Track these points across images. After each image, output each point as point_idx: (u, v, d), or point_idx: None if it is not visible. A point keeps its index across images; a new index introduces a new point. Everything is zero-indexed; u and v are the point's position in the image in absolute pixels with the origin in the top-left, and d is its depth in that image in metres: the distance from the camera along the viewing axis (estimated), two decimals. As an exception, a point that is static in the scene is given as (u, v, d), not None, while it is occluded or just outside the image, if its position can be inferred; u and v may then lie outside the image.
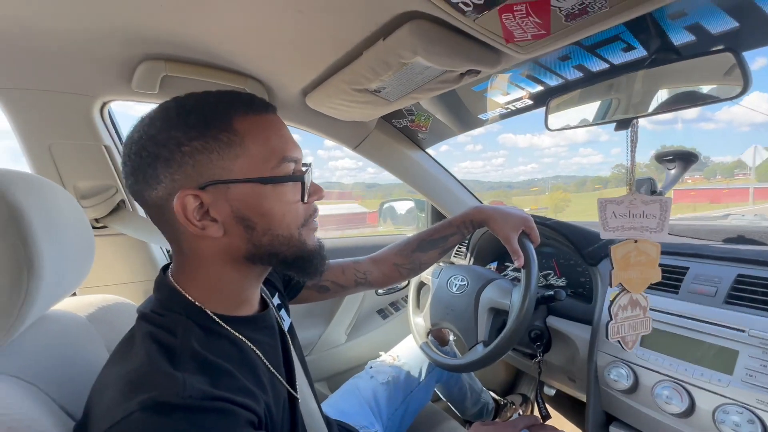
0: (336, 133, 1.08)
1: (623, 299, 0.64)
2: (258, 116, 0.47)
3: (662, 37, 0.58)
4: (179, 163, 0.43)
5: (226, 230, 0.45)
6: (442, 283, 1.02)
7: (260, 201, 0.46)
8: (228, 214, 0.45)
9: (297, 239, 0.49)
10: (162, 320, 0.45)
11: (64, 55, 0.70)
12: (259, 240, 0.46)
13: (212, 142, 0.43)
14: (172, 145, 0.43)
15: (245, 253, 0.47)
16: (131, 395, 0.36)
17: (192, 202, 0.43)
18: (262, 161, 0.45)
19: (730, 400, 0.63)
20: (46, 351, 0.49)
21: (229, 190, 0.44)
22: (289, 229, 0.48)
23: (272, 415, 0.46)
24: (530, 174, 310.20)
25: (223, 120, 0.44)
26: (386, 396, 0.95)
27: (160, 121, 0.44)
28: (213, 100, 0.45)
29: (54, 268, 0.44)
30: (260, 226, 0.46)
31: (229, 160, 0.44)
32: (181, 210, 0.43)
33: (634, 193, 0.61)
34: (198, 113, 0.44)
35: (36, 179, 0.47)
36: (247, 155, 0.45)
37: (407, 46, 0.60)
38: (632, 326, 0.65)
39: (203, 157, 0.43)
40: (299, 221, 0.49)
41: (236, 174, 0.44)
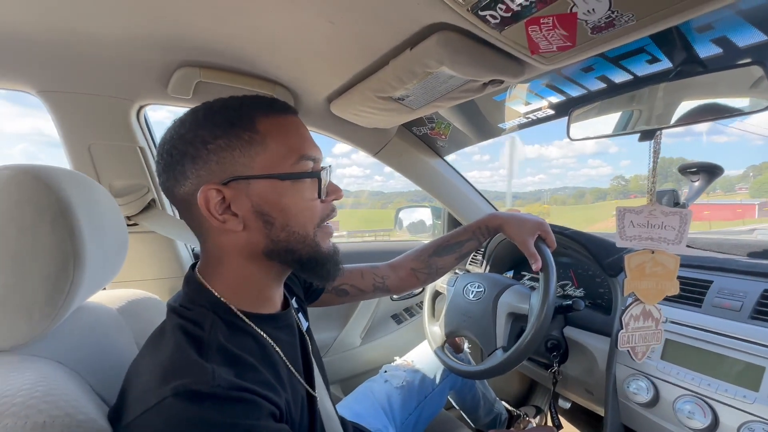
0: (357, 139, 1.11)
1: (636, 309, 0.64)
2: (279, 117, 0.49)
3: (688, 49, 0.59)
4: (205, 159, 0.46)
5: (246, 224, 0.47)
6: (458, 290, 1.03)
7: (278, 196, 0.48)
8: (248, 208, 0.47)
9: (311, 239, 0.50)
10: (190, 314, 0.47)
11: (107, 61, 0.74)
12: (277, 235, 0.48)
13: (235, 140, 0.46)
14: (199, 143, 0.46)
15: (264, 248, 0.49)
16: (164, 382, 0.38)
17: (214, 196, 0.46)
18: (281, 158, 0.48)
19: (756, 418, 0.61)
20: (83, 340, 0.51)
21: (249, 186, 0.47)
22: (305, 227, 0.50)
23: (291, 411, 0.47)
24: (538, 185, 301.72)
25: (246, 120, 0.47)
26: (400, 400, 0.95)
27: (189, 122, 0.47)
28: (237, 103, 0.48)
29: (96, 260, 0.47)
30: (278, 221, 0.48)
31: (250, 157, 0.46)
32: (204, 203, 0.45)
33: (655, 204, 0.62)
34: (223, 114, 0.47)
35: (81, 177, 0.50)
36: (267, 153, 0.47)
37: (434, 56, 0.62)
38: (643, 337, 0.65)
39: (227, 154, 0.46)
40: (315, 220, 0.51)
41: (257, 170, 0.47)
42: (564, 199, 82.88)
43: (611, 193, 71.61)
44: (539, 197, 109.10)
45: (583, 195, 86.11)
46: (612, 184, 79.93)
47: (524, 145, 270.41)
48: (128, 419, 0.39)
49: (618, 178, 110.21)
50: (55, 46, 0.68)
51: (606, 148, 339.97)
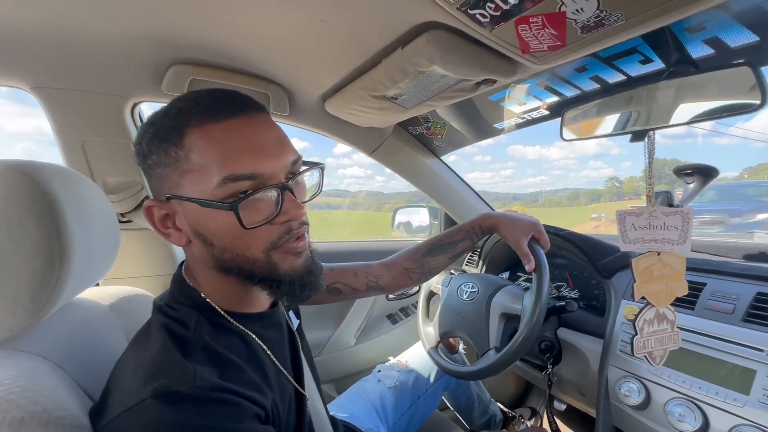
0: (353, 138, 1.11)
1: (648, 313, 0.62)
2: (214, 124, 0.42)
3: (680, 50, 0.58)
4: (148, 174, 0.46)
5: (189, 240, 0.46)
6: (452, 291, 1.02)
7: (206, 222, 0.43)
8: (187, 227, 0.45)
9: (264, 261, 0.45)
10: (175, 313, 0.46)
11: (101, 58, 0.74)
12: (221, 255, 0.45)
13: (164, 157, 0.43)
14: (141, 156, 0.45)
15: (214, 264, 0.46)
16: (145, 383, 0.38)
17: (157, 211, 0.46)
18: (205, 179, 0.41)
19: (746, 421, 0.61)
20: (71, 335, 0.51)
21: (182, 206, 0.44)
22: (250, 250, 0.44)
23: (278, 411, 0.47)
24: (539, 186, 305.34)
25: (174, 133, 0.42)
26: (393, 400, 0.95)
27: (140, 131, 0.46)
28: (177, 108, 0.43)
29: (83, 257, 0.46)
30: (217, 243, 0.44)
31: (179, 176, 0.43)
32: (148, 217, 0.46)
33: (654, 205, 0.61)
34: (159, 125, 0.44)
35: (72, 173, 0.50)
36: (192, 171, 0.42)
37: (425, 55, 0.62)
38: (659, 341, 0.63)
39: (161, 170, 0.44)
40: (261, 245, 0.44)
41: (185, 190, 0.43)
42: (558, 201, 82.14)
43: (605, 194, 70.56)
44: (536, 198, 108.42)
45: (578, 196, 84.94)
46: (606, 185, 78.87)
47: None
48: (107, 419, 0.38)
49: (612, 179, 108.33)
50: (48, 42, 0.68)
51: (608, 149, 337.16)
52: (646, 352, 0.63)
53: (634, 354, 0.62)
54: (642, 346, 0.62)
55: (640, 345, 0.62)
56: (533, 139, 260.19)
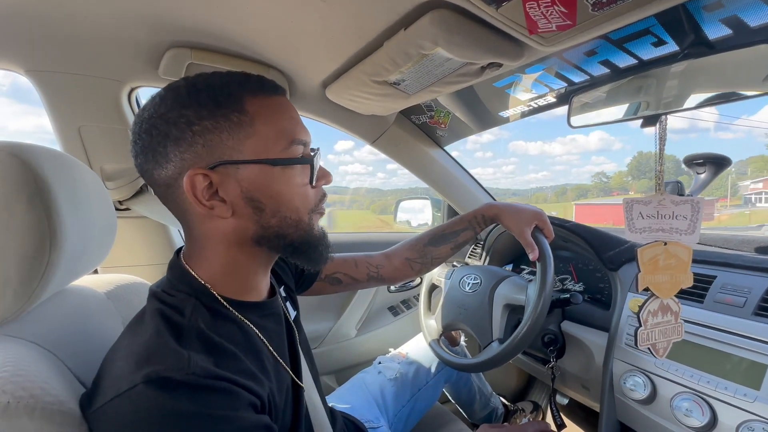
0: (354, 126, 1.08)
1: (653, 304, 0.61)
2: (268, 98, 0.46)
3: (696, 30, 0.56)
4: (189, 142, 0.43)
5: (234, 211, 0.45)
6: (455, 283, 1.01)
7: (269, 182, 0.45)
8: (237, 194, 0.44)
9: (306, 223, 0.49)
10: (171, 299, 0.45)
11: (96, 40, 0.72)
12: (268, 221, 0.46)
13: (223, 122, 0.43)
14: (183, 124, 0.42)
15: (253, 234, 0.47)
16: (137, 368, 0.37)
17: (201, 181, 0.43)
18: (271, 143, 0.45)
19: (756, 417, 0.59)
20: (65, 322, 0.50)
21: (238, 171, 0.44)
22: (298, 212, 0.48)
23: (275, 401, 0.46)
24: (541, 182, 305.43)
25: (234, 100, 0.44)
26: (393, 392, 0.94)
27: (170, 100, 0.43)
28: (224, 80, 0.45)
29: (76, 242, 0.45)
30: (269, 207, 0.46)
31: (239, 141, 0.44)
32: (191, 189, 0.43)
33: (664, 193, 0.59)
34: (208, 92, 0.43)
35: (65, 157, 0.49)
36: (257, 136, 0.44)
37: (428, 36, 0.60)
38: (663, 333, 0.62)
39: (213, 136, 0.43)
40: (309, 205, 0.49)
41: (246, 155, 0.44)
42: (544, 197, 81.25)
43: (593, 190, 69.14)
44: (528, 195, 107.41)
45: (565, 192, 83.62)
46: (594, 181, 77.27)
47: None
48: (97, 405, 0.38)
49: (599, 174, 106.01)
50: (42, 23, 0.67)
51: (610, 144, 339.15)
52: (649, 344, 0.61)
53: (637, 346, 0.60)
54: (646, 338, 0.61)
55: (644, 337, 0.61)
56: (535, 135, 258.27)
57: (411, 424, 0.97)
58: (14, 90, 24.29)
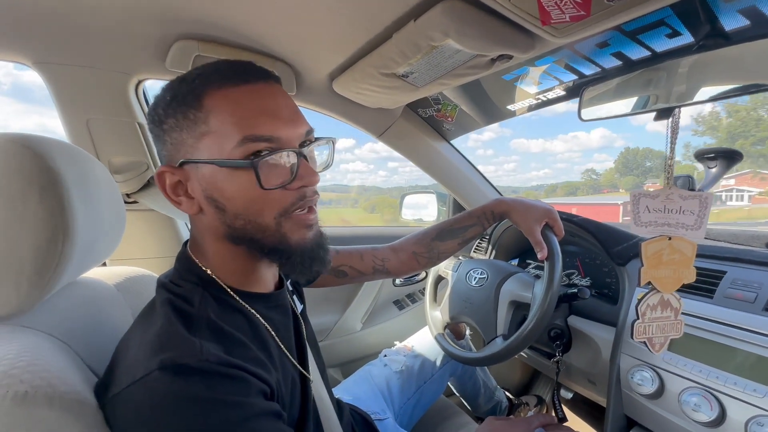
0: (361, 119, 1.08)
1: (653, 298, 0.61)
2: (234, 88, 0.43)
3: (712, 21, 0.54)
4: (162, 140, 0.45)
5: (201, 208, 0.46)
6: (461, 276, 1.01)
7: (222, 184, 0.43)
8: (200, 193, 0.45)
9: (273, 229, 0.45)
10: (179, 290, 0.46)
11: (103, 33, 0.72)
12: (233, 223, 0.45)
13: (182, 120, 0.43)
14: (156, 122, 0.45)
15: (225, 233, 0.46)
16: (152, 355, 0.38)
17: (170, 178, 0.45)
18: (224, 140, 0.42)
19: (766, 412, 0.59)
20: (77, 313, 0.51)
21: (197, 170, 0.44)
22: (261, 216, 0.44)
23: (281, 391, 0.47)
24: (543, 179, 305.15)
25: (194, 96, 0.43)
26: (399, 385, 0.95)
27: (155, 99, 0.46)
28: (196, 74, 0.44)
29: (87, 234, 0.46)
30: (229, 209, 0.44)
31: (196, 138, 0.43)
32: (160, 184, 0.45)
33: (672, 187, 0.58)
34: (176, 90, 0.44)
35: (76, 150, 0.49)
36: (211, 134, 0.42)
37: (438, 28, 0.59)
38: (661, 328, 0.62)
39: (176, 134, 0.44)
40: (274, 210, 0.45)
41: (202, 153, 0.43)
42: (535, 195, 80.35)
43: (582, 187, 67.67)
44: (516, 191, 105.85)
45: (555, 189, 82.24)
46: (583, 178, 75.42)
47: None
48: (113, 392, 0.38)
49: (589, 171, 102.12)
50: (50, 15, 0.67)
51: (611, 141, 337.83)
52: (645, 337, 0.61)
53: (633, 339, 0.60)
54: (642, 331, 0.61)
55: (640, 330, 0.61)
56: (536, 132, 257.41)
57: (416, 416, 0.98)
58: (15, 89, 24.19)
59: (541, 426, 0.71)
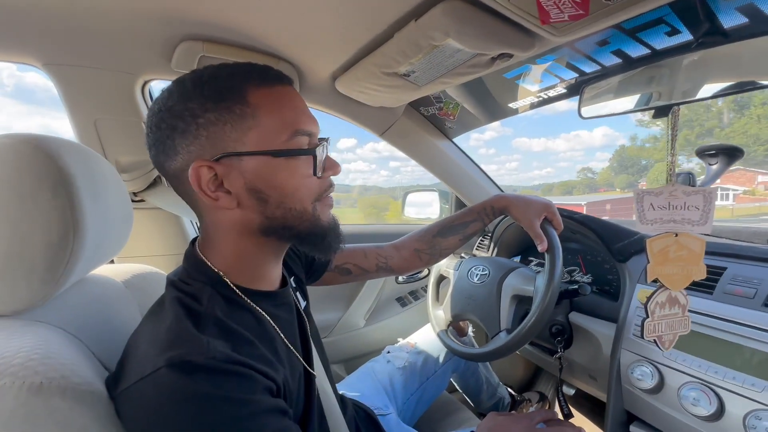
0: (363, 118, 1.09)
1: (661, 296, 0.61)
2: (272, 88, 0.46)
3: (711, 19, 0.55)
4: (194, 134, 0.44)
5: (239, 202, 0.46)
6: (463, 274, 1.02)
7: (272, 174, 0.46)
8: (241, 186, 0.45)
9: (311, 214, 0.49)
10: (188, 288, 0.47)
11: (110, 34, 0.73)
12: (273, 213, 0.47)
13: (226, 114, 0.44)
14: (188, 116, 0.44)
15: (259, 225, 0.48)
16: (160, 352, 0.39)
17: (206, 173, 0.44)
18: (274, 134, 0.45)
19: (764, 406, 0.59)
20: (88, 309, 0.52)
21: (242, 162, 0.45)
22: (302, 203, 0.48)
23: (289, 387, 0.48)
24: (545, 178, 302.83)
25: (236, 92, 0.44)
26: (402, 381, 0.96)
27: (177, 94, 0.45)
28: (227, 72, 0.45)
29: (96, 231, 0.47)
30: (273, 198, 0.46)
31: (242, 132, 0.44)
32: (196, 181, 0.44)
33: (675, 184, 0.59)
34: (212, 85, 0.44)
35: (84, 149, 0.50)
36: (259, 127, 0.45)
37: (439, 27, 0.60)
38: (670, 325, 0.62)
39: (217, 128, 0.44)
40: (313, 195, 0.49)
41: (249, 146, 0.45)
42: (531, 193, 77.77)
43: (578, 186, 65.97)
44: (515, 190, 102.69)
45: (551, 189, 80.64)
46: (579, 176, 73.84)
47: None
48: (123, 387, 0.39)
49: (585, 170, 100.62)
50: (58, 18, 0.68)
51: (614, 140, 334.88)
52: (655, 335, 0.61)
53: (643, 337, 0.60)
54: (652, 330, 0.61)
55: (651, 328, 0.61)
56: (539, 131, 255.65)
57: (419, 412, 0.99)
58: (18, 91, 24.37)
59: (542, 421, 0.72)
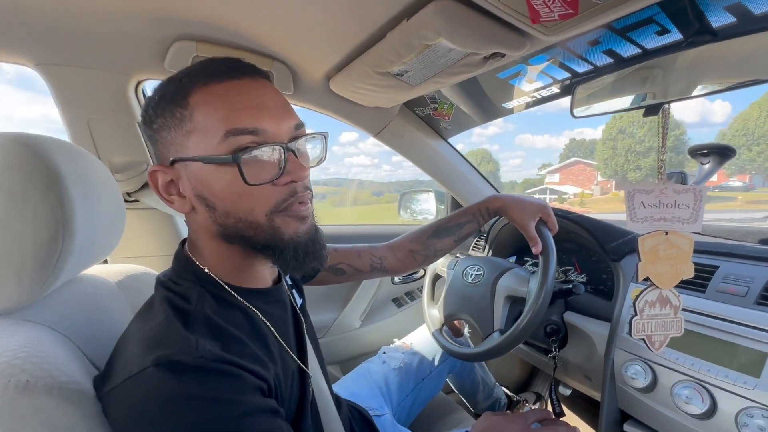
0: (358, 118, 1.09)
1: (651, 295, 0.60)
2: (218, 84, 0.43)
3: (700, 19, 0.55)
4: (153, 140, 0.46)
5: (193, 207, 0.46)
6: (458, 273, 1.01)
7: (210, 182, 0.43)
8: (190, 191, 0.45)
9: (266, 226, 0.45)
10: (177, 287, 0.47)
11: (103, 34, 0.73)
12: (224, 221, 0.45)
13: (170, 119, 0.44)
14: (147, 123, 0.46)
15: (216, 231, 0.46)
16: (148, 352, 0.38)
17: (162, 177, 0.46)
18: (210, 137, 0.42)
19: (755, 404, 0.60)
20: (79, 309, 0.52)
21: (187, 168, 0.44)
22: (252, 214, 0.44)
23: (281, 386, 0.47)
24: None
25: (181, 95, 0.43)
26: (397, 382, 0.95)
27: (146, 100, 0.47)
28: (181, 75, 0.45)
29: (87, 231, 0.47)
30: (219, 207, 0.44)
31: (183, 137, 0.43)
32: (153, 183, 0.46)
33: (666, 182, 0.59)
34: (164, 90, 0.45)
35: (75, 149, 0.50)
36: (196, 130, 0.43)
37: (431, 27, 0.60)
38: (660, 325, 0.61)
39: (165, 133, 0.44)
40: (265, 207, 0.44)
41: (189, 151, 0.43)
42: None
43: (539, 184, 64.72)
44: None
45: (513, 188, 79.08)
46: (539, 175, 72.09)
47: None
48: (110, 386, 0.39)
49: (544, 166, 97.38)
50: (50, 17, 0.68)
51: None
52: (645, 335, 0.61)
53: (631, 336, 0.60)
54: (641, 329, 0.60)
55: (639, 327, 0.60)
56: (542, 128, 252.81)
57: (414, 413, 0.99)
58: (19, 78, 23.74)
59: (537, 421, 0.72)
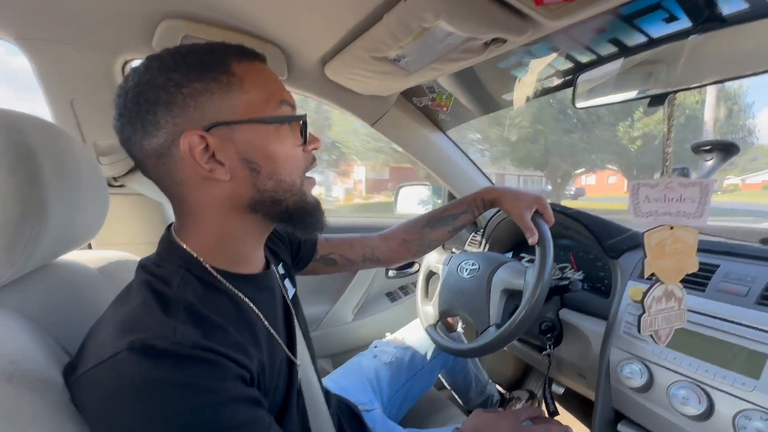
0: (354, 106, 1.06)
1: (658, 291, 0.59)
2: (252, 62, 0.47)
3: (710, 5, 0.53)
4: (181, 105, 0.42)
5: (232, 174, 0.45)
6: (452, 269, 1.00)
7: (264, 143, 0.46)
8: (234, 156, 0.44)
9: (299, 188, 0.49)
10: (159, 271, 0.45)
11: (88, 9, 0.70)
12: (264, 185, 0.46)
13: (212, 84, 0.43)
14: (172, 87, 0.41)
15: (249, 199, 0.46)
16: (121, 336, 0.37)
17: (198, 144, 0.42)
18: (262, 103, 0.45)
19: (753, 406, 0.58)
20: (54, 294, 0.50)
21: (233, 132, 0.44)
22: (291, 175, 0.48)
23: (266, 375, 0.46)
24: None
25: (221, 63, 0.44)
26: (389, 376, 0.94)
27: (155, 67, 0.42)
28: (208, 47, 0.45)
29: (63, 213, 0.45)
30: (265, 169, 0.46)
31: (231, 102, 0.44)
32: (188, 151, 0.42)
33: (671, 176, 0.57)
34: (195, 57, 0.43)
35: (54, 128, 0.48)
36: (247, 97, 0.45)
37: (429, 8, 0.58)
38: (666, 319, 0.60)
39: (205, 98, 0.42)
40: (300, 168, 0.49)
41: (239, 115, 0.44)
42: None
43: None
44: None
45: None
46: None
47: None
48: (79, 372, 0.37)
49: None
50: None
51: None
52: (652, 330, 0.60)
53: (640, 333, 0.58)
54: (649, 325, 0.59)
55: (647, 323, 0.59)
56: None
57: (405, 408, 0.97)
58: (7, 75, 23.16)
59: (529, 419, 0.71)
